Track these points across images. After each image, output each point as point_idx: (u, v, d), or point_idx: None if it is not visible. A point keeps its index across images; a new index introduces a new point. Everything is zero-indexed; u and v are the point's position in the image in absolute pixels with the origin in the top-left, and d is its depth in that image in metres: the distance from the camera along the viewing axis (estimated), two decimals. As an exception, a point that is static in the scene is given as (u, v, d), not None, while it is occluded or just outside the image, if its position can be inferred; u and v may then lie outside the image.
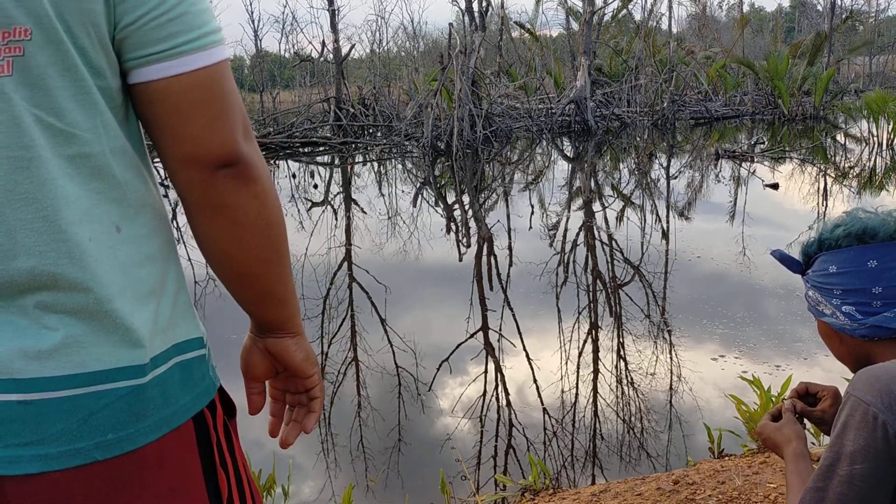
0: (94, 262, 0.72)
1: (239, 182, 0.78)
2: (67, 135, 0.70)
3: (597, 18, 18.78)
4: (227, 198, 0.78)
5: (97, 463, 0.74)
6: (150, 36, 0.72)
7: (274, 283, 0.87)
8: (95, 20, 0.70)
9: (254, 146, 0.80)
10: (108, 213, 0.74)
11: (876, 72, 34.06)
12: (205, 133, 0.75)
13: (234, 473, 0.87)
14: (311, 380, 0.96)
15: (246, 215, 0.79)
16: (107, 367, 0.73)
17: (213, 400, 0.86)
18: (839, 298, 1.23)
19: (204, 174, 0.76)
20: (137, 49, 0.72)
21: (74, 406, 0.72)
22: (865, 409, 1.06)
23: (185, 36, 0.73)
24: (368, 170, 13.46)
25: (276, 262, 0.85)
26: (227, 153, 0.76)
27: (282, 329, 0.92)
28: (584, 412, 3.44)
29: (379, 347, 4.31)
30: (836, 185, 9.53)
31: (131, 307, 0.75)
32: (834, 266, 1.23)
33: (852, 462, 1.06)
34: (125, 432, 0.75)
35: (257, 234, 0.81)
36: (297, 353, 0.93)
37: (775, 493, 2.33)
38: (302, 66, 22.35)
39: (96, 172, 0.73)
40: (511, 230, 7.55)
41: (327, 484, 2.88)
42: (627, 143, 15.60)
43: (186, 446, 0.81)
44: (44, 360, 0.71)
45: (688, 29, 33.45)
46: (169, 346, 0.79)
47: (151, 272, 0.78)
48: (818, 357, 3.83)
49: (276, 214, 0.83)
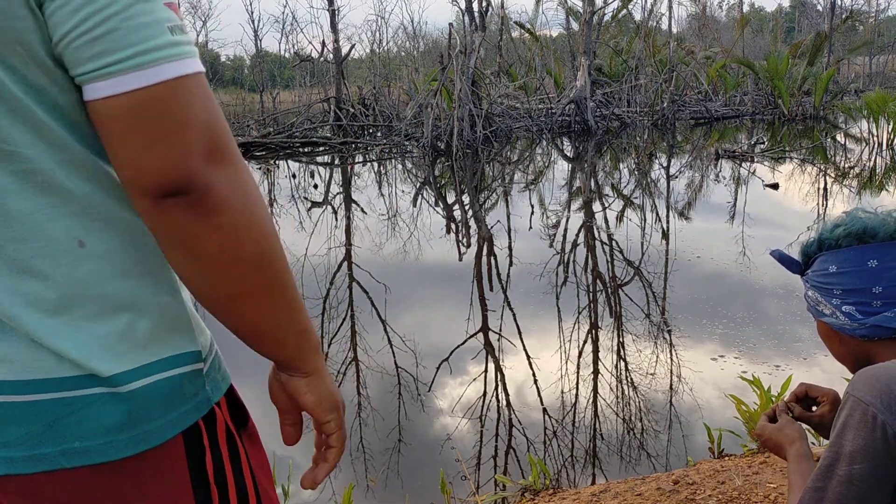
0: (37, 280, 0.71)
1: (192, 212, 0.69)
2: (6, 153, 0.68)
3: (597, 18, 18.79)
4: (180, 229, 0.70)
5: (64, 470, 0.72)
6: (77, 55, 0.66)
7: (256, 321, 0.78)
8: (22, 38, 0.66)
9: (226, 169, 0.71)
10: (67, 227, 0.71)
11: (876, 72, 34.07)
12: (141, 158, 0.67)
13: (236, 486, 0.84)
14: (326, 426, 0.88)
15: (204, 249, 0.71)
16: (71, 374, 0.72)
17: (211, 411, 0.82)
18: (839, 298, 1.23)
19: (148, 202, 0.69)
20: (73, 67, 0.68)
21: (40, 411, 0.71)
22: (865, 409, 1.06)
23: (117, 55, 0.66)
24: (368, 170, 13.46)
25: (258, 299, 0.76)
26: (172, 180, 0.68)
27: (289, 367, 0.85)
28: (584, 412, 3.44)
29: (379, 347, 4.31)
30: (836, 185, 9.53)
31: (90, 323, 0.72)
32: (834, 266, 1.23)
33: (851, 462, 1.06)
34: (94, 442, 0.73)
35: (221, 269, 0.73)
36: (308, 395, 0.86)
37: (775, 493, 2.33)
38: (302, 66, 22.36)
39: (47, 187, 0.70)
40: (511, 230, 7.55)
41: (327, 484, 2.88)
42: (627, 143, 15.60)
43: (173, 462, 0.78)
44: (7, 364, 0.70)
45: (688, 29, 33.47)
46: (153, 360, 0.76)
47: (125, 286, 0.75)
48: (818, 357, 3.83)
49: (249, 247, 0.73)
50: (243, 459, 0.85)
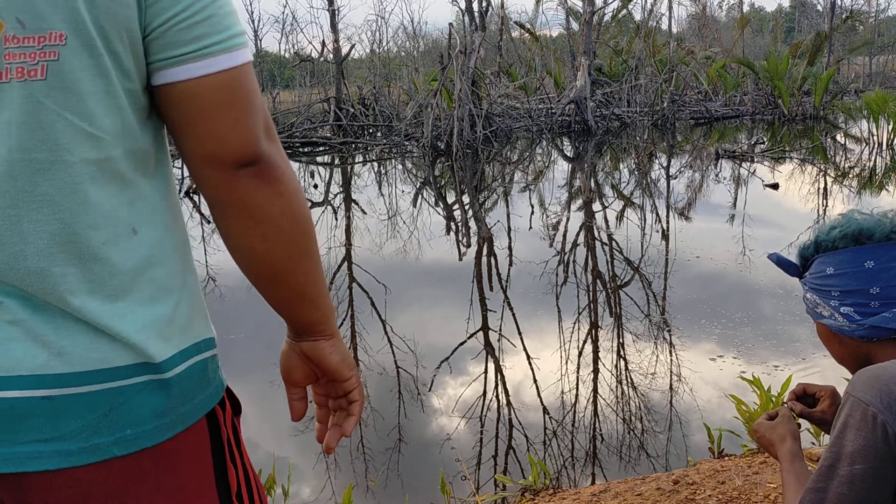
0: (103, 267, 0.73)
1: (261, 181, 0.78)
2: (95, 139, 0.72)
3: (597, 18, 18.79)
4: (250, 196, 0.79)
5: (115, 459, 0.75)
6: (178, 37, 0.73)
7: (302, 282, 0.87)
8: (129, 25, 0.71)
9: (276, 146, 0.81)
10: (125, 215, 0.75)
11: (876, 72, 34.05)
12: (228, 133, 0.76)
13: (243, 469, 0.88)
14: (348, 383, 0.96)
15: (269, 214, 0.80)
16: (125, 364, 0.74)
17: (223, 398, 0.87)
18: (837, 300, 1.23)
19: (226, 173, 0.77)
20: (165, 50, 0.73)
21: (94, 402, 0.73)
22: (864, 409, 1.06)
23: (213, 38, 0.74)
24: (368, 170, 13.46)
25: (304, 261, 0.86)
26: (249, 152, 0.77)
27: (316, 331, 0.92)
28: (584, 412, 3.44)
29: (379, 347, 4.31)
30: (836, 186, 9.53)
31: (144, 308, 0.76)
32: (831, 267, 1.24)
33: (852, 462, 1.06)
34: (143, 428, 0.76)
35: (282, 233, 0.82)
36: (333, 355, 0.93)
37: (775, 493, 2.33)
38: (302, 66, 22.33)
39: (116, 175, 0.74)
40: (511, 230, 7.56)
41: (327, 484, 2.88)
42: (627, 143, 15.60)
43: (200, 443, 0.82)
44: (65, 357, 0.72)
45: (688, 29, 33.47)
46: (189, 345, 0.81)
47: (169, 271, 0.79)
48: (818, 357, 3.83)
49: (301, 213, 0.83)
50: (242, 445, 0.91)
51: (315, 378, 0.97)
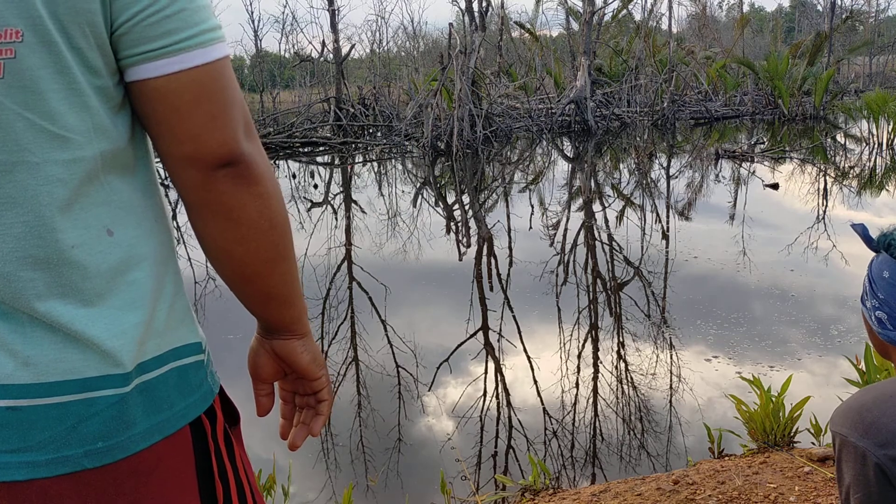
0: (73, 270, 0.71)
1: (239, 182, 0.76)
2: (61, 138, 0.69)
3: (597, 18, 18.79)
4: (228, 198, 0.76)
5: (87, 471, 0.72)
6: (147, 33, 0.70)
7: (277, 283, 0.85)
8: (91, 19, 0.68)
9: (256, 145, 0.78)
10: (98, 216, 0.73)
11: (876, 72, 34.07)
12: (204, 132, 0.73)
13: (235, 482, 0.85)
14: (318, 382, 0.95)
15: (247, 215, 0.78)
16: (96, 375, 0.72)
17: (212, 406, 0.84)
18: (878, 301, 1.23)
19: (203, 174, 0.74)
20: (135, 46, 0.70)
21: (62, 413, 0.71)
22: (844, 440, 1.12)
23: (184, 33, 0.71)
24: (368, 170, 13.46)
25: (280, 263, 0.83)
26: (226, 152, 0.74)
27: (288, 330, 0.90)
28: (584, 412, 3.44)
29: (379, 347, 4.31)
30: (836, 186, 9.53)
31: (120, 312, 0.73)
32: (887, 272, 1.23)
33: (853, 493, 1.12)
34: (115, 440, 0.73)
35: (259, 235, 0.79)
36: (304, 354, 0.92)
37: (775, 494, 2.33)
38: (302, 66, 22.34)
39: (87, 175, 0.71)
40: (511, 230, 7.55)
41: (327, 484, 2.88)
42: (627, 143, 15.60)
43: (181, 454, 0.79)
44: (31, 367, 0.70)
45: (688, 29, 33.44)
46: (166, 351, 0.78)
47: (149, 273, 0.76)
48: (818, 357, 3.83)
49: (279, 215, 0.81)
50: (237, 457, 0.88)
51: (283, 374, 0.95)
